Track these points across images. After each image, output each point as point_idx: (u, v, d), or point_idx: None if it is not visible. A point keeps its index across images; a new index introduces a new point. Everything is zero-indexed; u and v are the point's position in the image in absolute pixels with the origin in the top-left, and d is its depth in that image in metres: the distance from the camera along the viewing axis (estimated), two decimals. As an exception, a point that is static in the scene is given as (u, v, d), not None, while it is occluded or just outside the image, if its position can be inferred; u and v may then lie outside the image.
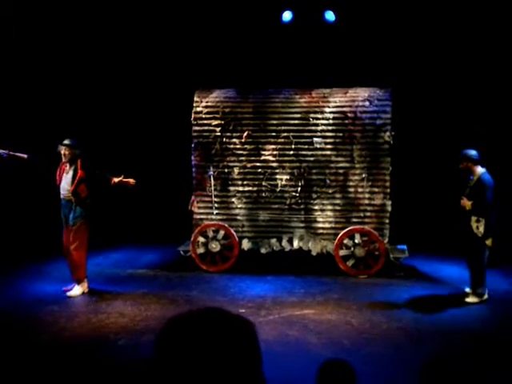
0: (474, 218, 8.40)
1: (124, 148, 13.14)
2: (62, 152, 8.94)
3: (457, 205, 8.60)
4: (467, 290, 8.82)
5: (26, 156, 9.14)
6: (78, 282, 9.06)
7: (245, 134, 10.40)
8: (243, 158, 10.45)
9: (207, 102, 10.59)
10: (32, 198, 12.33)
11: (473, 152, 8.61)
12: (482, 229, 8.34)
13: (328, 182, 10.26)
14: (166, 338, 1.49)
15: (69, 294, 8.96)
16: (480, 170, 8.57)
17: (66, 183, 8.98)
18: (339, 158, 10.25)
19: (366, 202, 10.19)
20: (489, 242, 8.39)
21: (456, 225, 8.83)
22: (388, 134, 10.07)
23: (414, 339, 7.15)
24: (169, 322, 1.52)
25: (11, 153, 9.02)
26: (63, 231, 9.11)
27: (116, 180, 9.17)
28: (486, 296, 8.59)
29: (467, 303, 8.53)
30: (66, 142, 8.98)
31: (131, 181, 9.29)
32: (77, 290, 9.02)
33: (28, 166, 9.33)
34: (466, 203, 8.45)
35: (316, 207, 10.34)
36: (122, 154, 13.10)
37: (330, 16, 12.02)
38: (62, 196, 9.05)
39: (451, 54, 11.93)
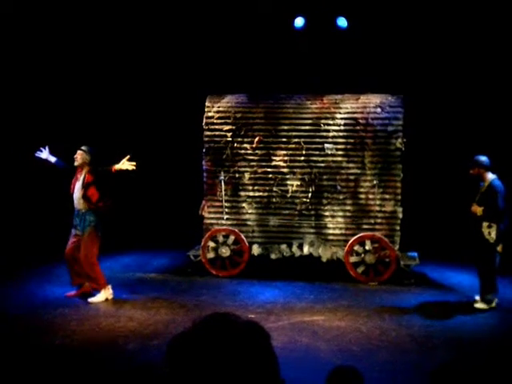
0: (485, 224, 8.37)
1: (135, 152, 13.17)
2: (75, 155, 8.99)
3: (467, 211, 8.57)
4: (477, 297, 8.78)
5: (53, 160, 9.23)
6: (101, 290, 9.01)
7: (256, 139, 10.41)
8: (254, 164, 10.46)
9: (219, 107, 10.61)
10: (43, 201, 12.41)
11: (484, 158, 8.58)
12: (493, 234, 8.32)
13: (339, 188, 10.24)
14: (175, 353, 1.43)
15: (91, 300, 8.91)
16: (491, 176, 8.54)
17: (77, 191, 8.98)
18: (350, 165, 10.23)
19: (377, 208, 10.16)
20: (500, 248, 8.38)
21: (466, 231, 8.80)
22: (399, 140, 10.04)
23: (423, 347, 7.12)
24: (175, 338, 1.45)
25: (44, 155, 9.15)
26: (70, 236, 9.12)
27: (117, 167, 8.90)
28: (494, 303, 8.55)
29: (477, 310, 8.49)
30: (82, 147, 9.04)
31: (131, 164, 8.94)
32: (99, 297, 8.97)
33: (52, 169, 9.36)
34: (477, 209, 8.42)
35: (327, 213, 10.32)
36: (133, 158, 13.15)
37: (342, 22, 12.03)
38: (74, 205, 9.06)
39: (464, 61, 11.90)
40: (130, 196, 12.87)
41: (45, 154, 9.20)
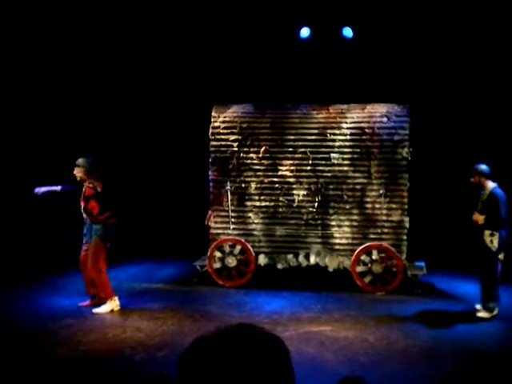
0: (487, 232, 8.38)
1: (142, 163, 13.21)
2: (74, 172, 8.88)
3: (469, 219, 8.57)
4: (477, 306, 8.75)
5: (58, 188, 9.08)
6: (106, 300, 8.96)
7: (262, 149, 10.41)
8: (260, 173, 10.46)
9: (225, 117, 10.63)
10: (48, 212, 12.42)
11: (484, 166, 8.62)
12: (495, 243, 8.34)
13: (345, 197, 10.23)
14: (191, 358, 1.38)
15: (95, 310, 8.84)
16: (491, 184, 8.57)
17: (82, 203, 8.98)
18: (357, 174, 10.22)
19: (384, 218, 10.14)
20: (501, 256, 8.38)
21: (469, 240, 8.78)
22: (406, 150, 10.03)
23: (431, 357, 7.08)
24: (195, 341, 1.40)
25: (45, 189, 9.03)
26: (83, 246, 9.13)
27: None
28: (496, 311, 8.52)
29: (483, 320, 8.44)
30: (78, 161, 8.88)
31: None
32: (103, 308, 8.89)
33: (62, 196, 9.27)
34: (479, 218, 8.45)
35: (333, 223, 10.31)
36: (140, 168, 13.18)
37: (347, 32, 12.05)
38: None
39: (470, 70, 11.90)
40: (137, 206, 12.88)
41: (43, 188, 9.02)
